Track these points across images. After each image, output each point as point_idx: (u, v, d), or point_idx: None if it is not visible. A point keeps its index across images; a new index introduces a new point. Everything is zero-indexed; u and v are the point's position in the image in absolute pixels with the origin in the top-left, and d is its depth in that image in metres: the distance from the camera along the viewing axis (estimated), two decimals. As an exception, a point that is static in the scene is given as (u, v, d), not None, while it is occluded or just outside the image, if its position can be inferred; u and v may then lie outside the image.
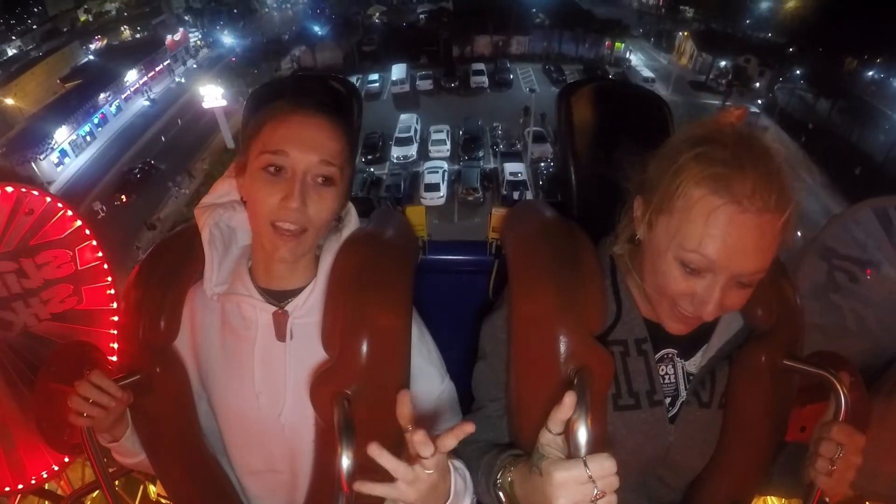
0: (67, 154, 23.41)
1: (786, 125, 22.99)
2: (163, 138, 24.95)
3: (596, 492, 0.61)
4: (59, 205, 1.28)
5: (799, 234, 0.80)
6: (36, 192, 1.26)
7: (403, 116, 24.25)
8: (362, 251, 0.92)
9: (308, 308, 0.90)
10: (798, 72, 24.34)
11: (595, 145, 1.15)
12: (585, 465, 0.62)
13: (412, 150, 21.85)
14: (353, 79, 28.69)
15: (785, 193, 0.72)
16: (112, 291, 1.35)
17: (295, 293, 0.91)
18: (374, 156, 21.33)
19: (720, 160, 0.72)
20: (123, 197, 19.69)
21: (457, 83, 27.94)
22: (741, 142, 0.74)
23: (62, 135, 23.23)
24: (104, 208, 18.24)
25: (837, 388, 0.83)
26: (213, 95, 22.13)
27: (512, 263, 0.90)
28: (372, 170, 20.01)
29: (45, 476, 1.31)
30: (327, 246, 0.93)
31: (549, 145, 21.72)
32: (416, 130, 22.96)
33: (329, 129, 0.86)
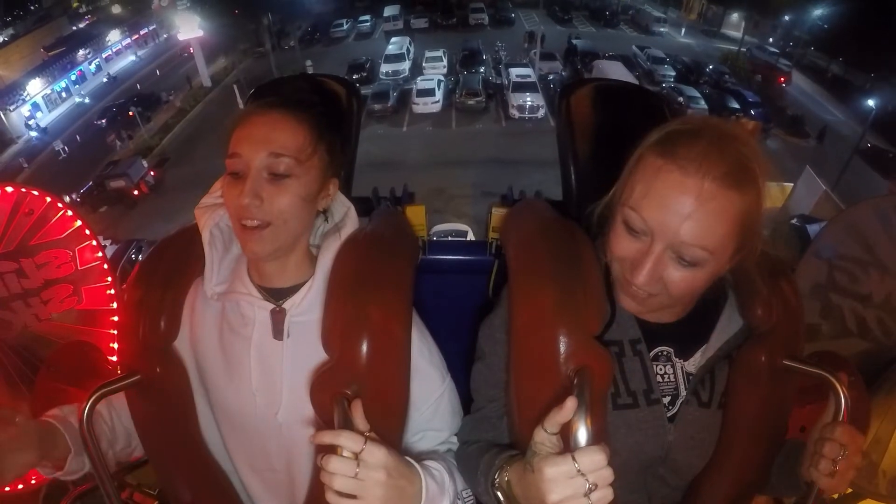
0: (40, 108, 22.44)
1: (804, 72, 22.82)
2: (138, 86, 25.02)
3: (588, 485, 0.61)
4: (60, 205, 1.29)
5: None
6: (36, 192, 1.27)
7: (395, 39, 22.08)
8: (362, 251, 0.92)
9: (306, 306, 0.90)
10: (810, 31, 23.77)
11: (595, 145, 1.15)
12: (574, 459, 0.61)
13: (404, 66, 19.71)
14: (344, 21, 27.55)
15: (744, 172, 0.69)
16: (112, 291, 1.35)
17: (293, 290, 0.91)
18: (361, 75, 19.17)
19: (677, 129, 0.73)
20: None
21: (454, 20, 26.46)
22: (709, 121, 0.74)
23: (35, 87, 22.29)
24: (66, 149, 19.37)
25: (837, 388, 0.83)
26: (189, 25, 20.65)
27: (512, 264, 0.90)
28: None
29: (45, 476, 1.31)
30: (326, 244, 0.93)
31: (559, 63, 20.08)
32: (408, 50, 20.88)
33: (283, 123, 0.85)
